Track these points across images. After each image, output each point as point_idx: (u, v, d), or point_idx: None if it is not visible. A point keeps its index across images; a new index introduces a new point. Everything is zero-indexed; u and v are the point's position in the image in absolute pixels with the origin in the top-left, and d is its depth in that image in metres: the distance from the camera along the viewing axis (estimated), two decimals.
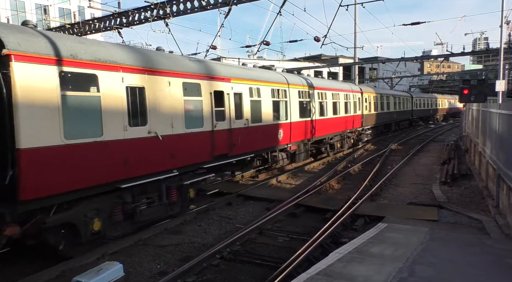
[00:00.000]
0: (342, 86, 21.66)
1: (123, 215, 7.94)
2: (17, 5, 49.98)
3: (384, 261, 6.20)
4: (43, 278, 6.27)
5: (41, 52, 6.26)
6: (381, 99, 28.60)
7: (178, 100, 9.09)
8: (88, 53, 7.10)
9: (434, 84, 61.81)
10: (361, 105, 23.67)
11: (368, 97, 25.47)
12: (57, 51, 6.52)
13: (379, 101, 27.85)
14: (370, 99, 25.84)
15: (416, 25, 19.56)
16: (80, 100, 6.92)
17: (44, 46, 6.38)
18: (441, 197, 11.23)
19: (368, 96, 25.48)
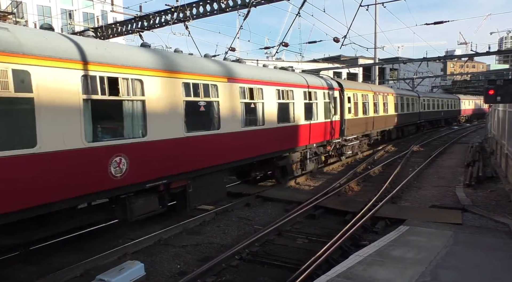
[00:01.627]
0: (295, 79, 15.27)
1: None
2: (43, 10, 51.69)
3: (406, 265, 6.07)
4: (68, 275, 6.44)
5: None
6: (364, 98, 20.59)
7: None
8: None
9: (458, 84, 60.19)
10: (336, 106, 16.77)
11: (353, 96, 18.69)
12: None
13: (360, 101, 19.71)
14: (355, 98, 19.01)
15: (439, 25, 19.12)
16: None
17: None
18: (465, 200, 10.93)
19: (353, 94, 18.68)
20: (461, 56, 33.15)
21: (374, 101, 22.07)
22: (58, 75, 6.10)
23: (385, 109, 24.28)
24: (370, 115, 21.40)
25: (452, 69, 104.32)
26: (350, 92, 18.16)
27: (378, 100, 22.92)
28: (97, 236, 8.50)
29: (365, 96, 20.44)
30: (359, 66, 44.67)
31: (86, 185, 6.47)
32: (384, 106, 24.06)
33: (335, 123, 16.54)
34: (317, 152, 15.65)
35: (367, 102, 20.73)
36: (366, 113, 20.56)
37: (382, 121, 23.71)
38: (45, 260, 7.28)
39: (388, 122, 25.23)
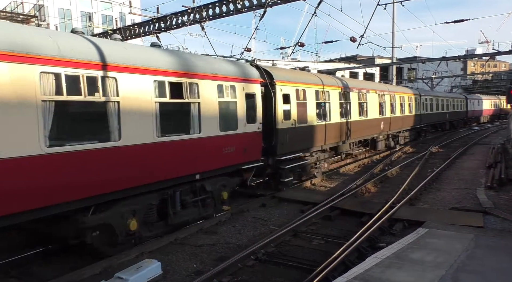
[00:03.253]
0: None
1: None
2: (64, 13, 52.96)
3: (425, 268, 5.95)
4: (88, 273, 6.56)
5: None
6: (345, 97, 16.19)
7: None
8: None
9: (479, 84, 58.70)
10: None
11: (296, 93, 12.99)
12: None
13: (313, 101, 13.94)
14: (301, 96, 13.30)
15: (459, 23, 18.68)
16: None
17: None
18: (486, 203, 10.65)
19: (296, 90, 12.95)
20: (482, 55, 32.39)
21: (341, 100, 15.91)
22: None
23: (362, 111, 18.12)
24: (333, 122, 15.16)
25: (472, 69, 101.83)
26: (289, 87, 12.37)
27: (350, 99, 16.69)
28: None
29: (321, 94, 14.38)
30: (376, 66, 44.11)
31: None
32: (360, 108, 17.84)
33: (235, 139, 9.97)
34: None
35: (329, 103, 14.99)
36: (323, 119, 14.56)
37: (359, 129, 17.52)
38: (65, 258, 7.44)
39: (371, 129, 19.29)
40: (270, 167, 11.86)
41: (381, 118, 20.29)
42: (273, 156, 11.78)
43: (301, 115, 13.00)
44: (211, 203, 9.58)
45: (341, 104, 16.01)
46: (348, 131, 16.52)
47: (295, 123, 12.58)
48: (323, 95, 14.61)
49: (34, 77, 5.77)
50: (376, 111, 19.70)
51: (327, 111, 14.87)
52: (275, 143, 11.74)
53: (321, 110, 14.64)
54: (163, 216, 8.40)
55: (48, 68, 5.97)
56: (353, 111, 17.03)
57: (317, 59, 41.49)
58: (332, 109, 15.12)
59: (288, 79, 12.56)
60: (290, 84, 12.52)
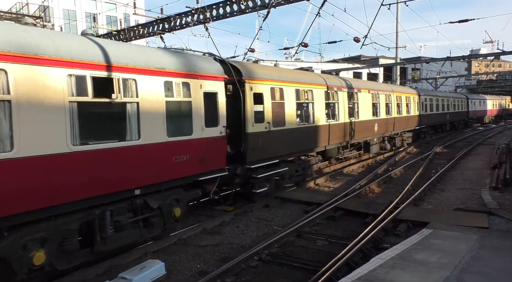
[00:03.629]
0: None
1: None
2: (69, 14, 53.29)
3: (429, 269, 5.92)
4: (91, 273, 6.59)
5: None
6: (332, 97, 14.75)
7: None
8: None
9: (483, 84, 58.35)
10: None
11: (272, 92, 11.54)
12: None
13: (293, 101, 12.43)
14: (277, 96, 11.84)
15: (463, 23, 18.57)
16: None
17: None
18: (491, 203, 10.58)
19: (271, 89, 11.49)
20: (486, 55, 32.17)
21: (327, 100, 14.46)
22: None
23: (353, 112, 16.59)
24: (318, 124, 13.71)
25: (477, 69, 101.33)
26: (262, 85, 10.92)
27: (338, 99, 15.25)
28: None
29: (302, 93, 12.89)
30: (379, 66, 43.99)
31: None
32: (350, 108, 16.29)
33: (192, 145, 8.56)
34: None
35: (312, 103, 13.46)
36: (306, 121, 13.22)
37: (338, 133, 15.34)
38: None
39: (364, 132, 17.68)
40: (239, 176, 10.29)
41: (375, 120, 18.84)
42: (242, 164, 10.23)
43: (277, 117, 11.49)
44: (158, 222, 7.92)
45: (328, 105, 14.58)
46: (339, 134, 15.54)
47: (269, 126, 11.02)
48: (305, 95, 13.06)
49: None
50: (370, 112, 18.25)
51: (310, 113, 13.45)
52: (245, 149, 10.23)
53: (303, 112, 13.28)
54: (91, 241, 6.83)
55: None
56: (342, 113, 15.64)
57: (321, 60, 41.41)
58: (316, 110, 13.64)
59: (261, 77, 11.02)
60: (263, 82, 11.02)
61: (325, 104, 14.30)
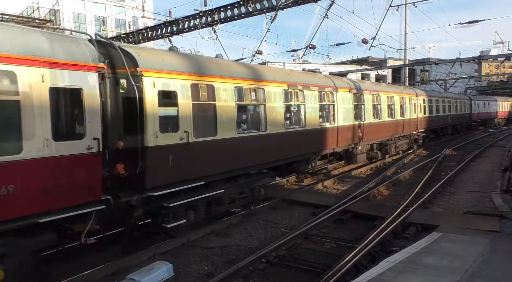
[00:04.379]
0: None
1: None
2: (79, 17, 53.96)
3: (439, 273, 5.85)
4: (101, 274, 6.64)
5: None
6: (296, 97, 12.09)
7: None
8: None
9: (494, 86, 57.61)
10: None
11: (186, 91, 8.49)
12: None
13: (230, 100, 9.69)
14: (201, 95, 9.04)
15: (473, 24, 18.39)
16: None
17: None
18: (502, 206, 10.43)
19: (186, 86, 8.45)
20: (496, 56, 31.82)
21: (289, 101, 11.75)
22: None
23: (328, 116, 13.99)
24: (276, 131, 11.04)
25: (487, 70, 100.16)
26: (175, 79, 8.11)
27: (306, 100, 12.43)
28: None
29: (247, 92, 10.13)
30: (387, 68, 43.69)
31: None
32: (324, 111, 13.81)
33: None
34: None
35: (264, 105, 10.61)
36: (256, 128, 10.57)
37: (307, 142, 12.75)
38: (80, 258, 7.52)
39: (344, 140, 15.00)
40: (138, 207, 7.50)
41: (359, 125, 16.18)
42: (140, 191, 7.43)
43: (203, 124, 8.80)
44: None
45: (289, 107, 12.00)
46: (307, 143, 12.74)
47: (188, 136, 8.15)
48: (254, 94, 10.29)
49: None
50: (350, 116, 15.49)
51: (261, 117, 10.61)
52: (143, 169, 7.33)
53: (250, 116, 10.74)
54: None
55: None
56: (313, 117, 12.96)
57: (328, 62, 41.32)
58: (273, 114, 10.88)
59: (174, 69, 8.12)
60: (178, 76, 8.12)
61: (285, 106, 11.54)
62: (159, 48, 9.82)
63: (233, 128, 9.56)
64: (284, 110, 11.59)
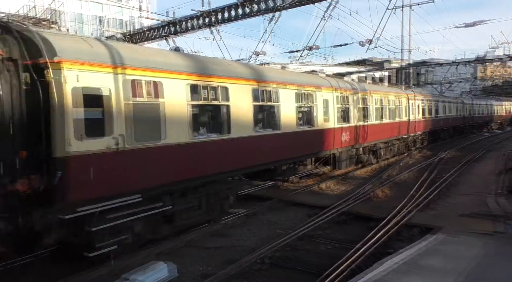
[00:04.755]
0: None
1: None
2: (75, 17, 53.79)
3: (435, 275, 5.88)
4: (96, 274, 6.61)
5: None
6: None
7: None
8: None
9: (489, 90, 57.95)
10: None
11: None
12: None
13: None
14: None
15: (471, 27, 18.51)
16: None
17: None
18: (496, 209, 10.48)
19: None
20: (492, 60, 32.05)
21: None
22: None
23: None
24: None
25: (482, 74, 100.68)
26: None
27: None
28: None
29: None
30: (386, 69, 43.94)
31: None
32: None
33: None
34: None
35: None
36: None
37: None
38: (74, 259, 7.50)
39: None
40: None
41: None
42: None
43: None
44: None
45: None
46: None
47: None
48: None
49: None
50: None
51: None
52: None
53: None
54: None
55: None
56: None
57: (328, 63, 41.46)
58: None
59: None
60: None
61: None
62: (163, 48, 9.70)
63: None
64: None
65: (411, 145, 23.81)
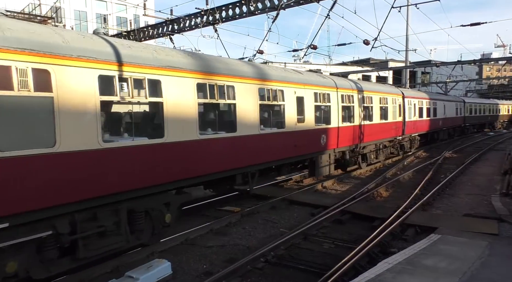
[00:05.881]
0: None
1: None
2: (80, 15, 53.93)
3: (437, 275, 5.85)
4: (99, 272, 6.64)
5: None
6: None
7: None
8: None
9: (495, 89, 57.62)
10: None
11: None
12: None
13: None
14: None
15: (475, 27, 18.39)
16: None
17: None
18: (501, 209, 10.42)
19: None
20: (498, 59, 31.82)
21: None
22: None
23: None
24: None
25: (488, 73, 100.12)
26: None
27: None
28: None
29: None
30: (388, 69, 43.72)
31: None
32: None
33: None
34: None
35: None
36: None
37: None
38: None
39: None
40: None
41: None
42: None
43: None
44: None
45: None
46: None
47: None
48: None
49: None
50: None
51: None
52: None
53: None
54: None
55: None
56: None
57: (330, 62, 41.34)
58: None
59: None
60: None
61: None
62: (161, 46, 9.55)
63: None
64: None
65: (407, 147, 22.65)
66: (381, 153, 19.03)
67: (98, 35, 7.17)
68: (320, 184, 13.77)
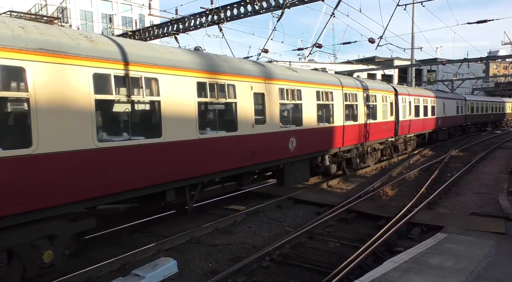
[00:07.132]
0: None
1: None
2: (86, 15, 54.28)
3: (444, 274, 5.82)
4: (106, 269, 6.68)
5: None
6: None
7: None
8: None
9: (502, 87, 57.10)
10: None
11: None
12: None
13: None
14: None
15: (481, 24, 18.22)
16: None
17: None
18: (509, 208, 10.34)
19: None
20: (504, 56, 31.53)
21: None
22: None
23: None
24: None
25: (495, 71, 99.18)
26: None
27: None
28: (132, 232, 8.78)
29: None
30: (394, 67, 43.46)
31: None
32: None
33: None
34: None
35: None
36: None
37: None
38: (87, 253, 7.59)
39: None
40: None
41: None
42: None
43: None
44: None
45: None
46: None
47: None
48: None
49: None
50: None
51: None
52: None
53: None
54: None
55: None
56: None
57: (335, 61, 41.22)
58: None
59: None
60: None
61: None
62: (166, 45, 9.50)
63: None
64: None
65: (401, 149, 20.89)
66: (369, 157, 16.99)
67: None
68: (325, 183, 13.76)
